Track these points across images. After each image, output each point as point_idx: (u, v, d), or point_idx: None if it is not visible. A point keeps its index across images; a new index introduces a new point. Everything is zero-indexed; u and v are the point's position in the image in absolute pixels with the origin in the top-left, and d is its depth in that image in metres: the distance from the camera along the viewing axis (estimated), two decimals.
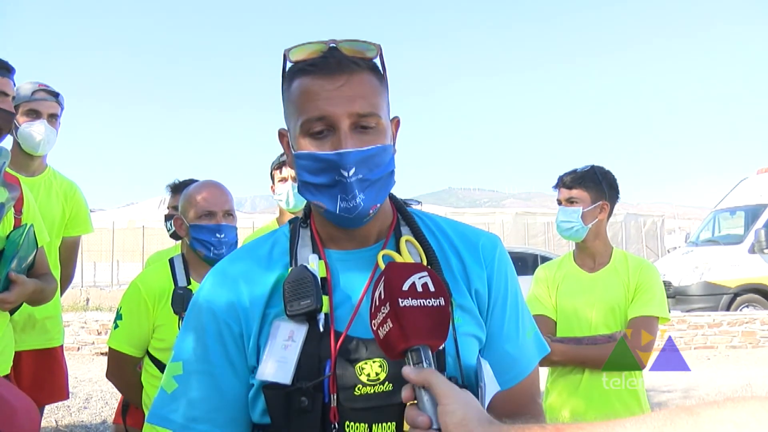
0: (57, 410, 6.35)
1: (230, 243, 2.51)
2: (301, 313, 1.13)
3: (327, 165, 1.11)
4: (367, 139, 1.13)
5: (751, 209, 12.83)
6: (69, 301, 14.63)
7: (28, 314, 2.98)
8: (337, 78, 1.11)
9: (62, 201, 3.34)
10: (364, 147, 1.12)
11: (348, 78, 1.11)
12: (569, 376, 2.69)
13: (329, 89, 1.11)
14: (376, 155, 1.13)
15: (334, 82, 1.11)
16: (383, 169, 1.15)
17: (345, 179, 1.11)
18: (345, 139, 1.10)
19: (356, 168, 1.11)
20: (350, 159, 1.10)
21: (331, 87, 1.11)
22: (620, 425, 0.78)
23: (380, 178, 1.15)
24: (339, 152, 1.10)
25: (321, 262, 1.20)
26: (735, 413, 0.69)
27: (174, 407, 1.20)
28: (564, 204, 2.77)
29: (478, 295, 1.22)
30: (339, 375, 1.10)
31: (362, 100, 1.12)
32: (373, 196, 1.15)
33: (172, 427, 1.20)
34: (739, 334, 10.03)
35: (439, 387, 0.94)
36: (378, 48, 1.17)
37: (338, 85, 1.11)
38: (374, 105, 1.13)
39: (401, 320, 0.96)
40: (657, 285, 2.72)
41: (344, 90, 1.11)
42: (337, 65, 1.11)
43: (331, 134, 1.12)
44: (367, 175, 1.12)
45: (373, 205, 1.15)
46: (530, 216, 26.48)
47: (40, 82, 3.19)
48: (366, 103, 1.12)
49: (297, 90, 1.14)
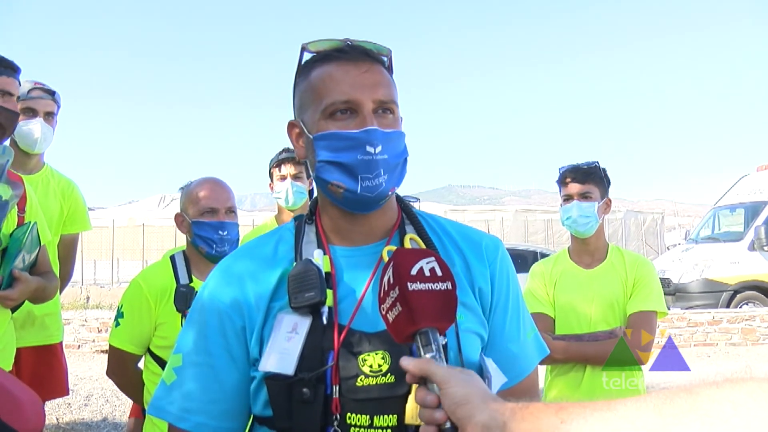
0: (58, 408, 6.36)
1: (232, 240, 2.50)
2: (305, 305, 1.14)
3: (353, 143, 1.14)
4: (387, 123, 1.17)
5: (751, 206, 12.83)
6: (69, 299, 14.64)
7: (27, 311, 2.98)
8: (361, 64, 1.17)
9: (60, 199, 3.34)
10: (387, 129, 1.16)
11: (371, 66, 1.18)
12: (570, 374, 2.69)
13: (354, 74, 1.16)
14: (397, 138, 1.19)
15: (359, 68, 1.17)
16: (402, 154, 1.20)
17: (372, 156, 1.14)
18: (370, 119, 1.15)
19: (382, 146, 1.14)
20: (377, 135, 1.14)
21: (356, 72, 1.17)
22: (621, 403, 0.80)
23: (399, 162, 1.20)
24: (366, 129, 1.14)
25: (325, 258, 1.22)
26: (733, 393, 0.70)
27: (171, 399, 1.21)
28: (577, 199, 2.72)
29: (481, 294, 1.24)
30: (341, 366, 1.11)
31: (384, 89, 1.18)
32: (394, 178, 1.19)
33: (168, 418, 1.21)
34: (739, 331, 10.04)
35: (437, 374, 0.95)
36: (389, 52, 1.23)
37: (362, 71, 1.17)
38: (393, 95, 1.20)
39: (410, 303, 0.98)
40: (654, 280, 2.73)
41: (367, 76, 1.17)
42: (362, 54, 1.18)
43: (353, 116, 1.16)
44: (392, 156, 1.17)
45: (392, 188, 1.19)
46: (530, 213, 26.49)
47: (36, 81, 3.19)
48: (387, 91, 1.19)
49: (319, 76, 1.19)
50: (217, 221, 2.47)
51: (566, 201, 2.77)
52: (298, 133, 1.25)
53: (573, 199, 2.74)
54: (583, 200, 2.72)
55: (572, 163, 2.85)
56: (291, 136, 1.28)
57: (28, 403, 1.55)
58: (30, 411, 1.54)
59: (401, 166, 1.21)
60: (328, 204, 1.25)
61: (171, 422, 1.21)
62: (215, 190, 2.52)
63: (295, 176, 3.33)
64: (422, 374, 0.97)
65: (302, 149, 1.25)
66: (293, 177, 3.32)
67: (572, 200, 2.74)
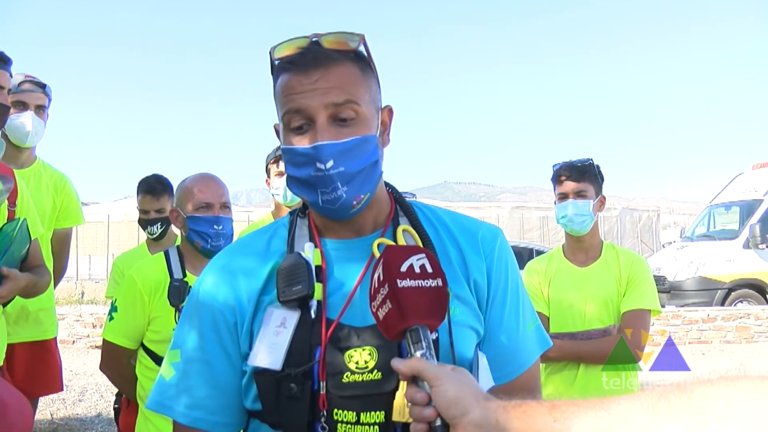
0: (52, 403, 6.35)
1: (227, 235, 2.51)
2: (292, 299, 1.14)
3: (305, 159, 1.13)
4: (345, 132, 1.13)
5: (746, 204, 12.87)
6: (64, 294, 14.61)
7: (21, 306, 2.97)
8: (312, 73, 1.13)
9: (52, 193, 3.32)
10: (342, 139, 1.13)
11: (323, 72, 1.13)
12: (565, 371, 2.69)
13: (305, 83, 1.13)
14: (355, 147, 1.14)
15: (310, 77, 1.13)
16: (365, 160, 1.15)
17: (323, 172, 1.12)
18: (321, 131, 1.12)
19: (334, 160, 1.12)
20: (326, 151, 1.11)
21: (307, 81, 1.13)
22: (615, 402, 0.80)
23: (362, 170, 1.15)
24: (315, 145, 1.12)
25: (316, 251, 1.21)
26: (728, 391, 0.70)
27: (171, 394, 1.22)
28: (572, 197, 2.72)
29: (477, 287, 1.22)
30: (328, 362, 1.10)
31: (338, 90, 1.13)
32: (357, 187, 1.15)
33: (170, 414, 1.22)
34: (734, 329, 10.08)
35: (428, 372, 0.94)
36: (361, 37, 1.18)
37: (314, 80, 1.13)
38: (352, 93, 1.14)
39: (400, 301, 0.98)
40: (648, 278, 2.74)
41: (319, 83, 1.13)
42: (312, 60, 1.14)
43: (310, 128, 1.14)
44: (349, 167, 1.13)
45: (357, 197, 1.16)
46: (526, 210, 26.51)
47: (26, 74, 3.16)
48: (342, 92, 1.13)
49: (279, 87, 1.18)
50: (212, 216, 2.48)
51: (561, 199, 2.76)
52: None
53: (568, 197, 2.73)
54: (579, 198, 2.71)
55: (566, 160, 2.84)
56: (279, 138, 1.28)
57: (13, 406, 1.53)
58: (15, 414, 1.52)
59: (368, 172, 1.16)
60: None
61: (173, 418, 1.21)
62: (210, 186, 2.53)
63: None
64: (413, 374, 0.96)
65: None
66: None
67: (567, 198, 2.73)
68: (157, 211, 3.54)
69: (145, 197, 3.60)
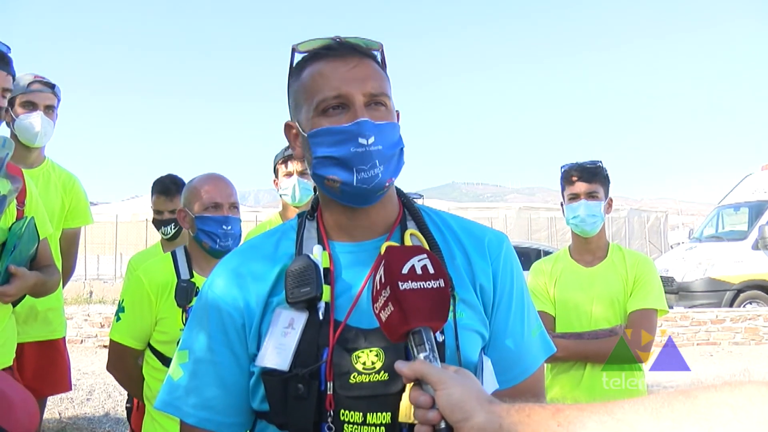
0: (60, 402, 6.38)
1: (236, 235, 2.51)
2: (301, 300, 1.15)
3: (346, 136, 1.15)
4: (379, 115, 1.18)
5: (755, 205, 12.80)
6: (72, 293, 14.68)
7: (30, 306, 2.98)
8: (349, 60, 1.18)
9: (61, 193, 3.33)
10: (379, 121, 1.17)
11: (359, 61, 1.19)
12: (571, 372, 2.69)
13: (343, 70, 1.18)
14: (390, 129, 1.19)
15: (347, 64, 1.18)
16: (396, 145, 1.21)
17: (365, 147, 1.15)
18: (361, 111, 1.16)
19: (375, 137, 1.15)
20: (368, 127, 1.15)
21: (345, 68, 1.18)
22: (618, 406, 0.80)
23: (395, 153, 1.20)
24: (357, 121, 1.15)
25: (324, 254, 1.22)
26: (732, 396, 0.70)
27: (179, 394, 1.23)
28: (584, 198, 2.72)
29: (482, 291, 1.23)
30: (335, 363, 1.11)
31: (374, 82, 1.19)
32: (391, 169, 1.19)
33: (178, 414, 1.23)
34: (742, 330, 10.02)
35: (432, 375, 0.95)
36: (380, 46, 1.24)
37: (351, 66, 1.18)
38: (383, 87, 1.20)
39: (402, 303, 0.98)
40: (655, 278, 2.74)
41: (357, 71, 1.18)
42: (349, 49, 1.20)
43: (345, 111, 1.17)
44: (386, 147, 1.17)
45: (389, 179, 1.19)
46: (533, 211, 26.44)
47: (36, 74, 3.17)
48: (377, 84, 1.19)
49: (310, 75, 1.20)
50: (221, 216, 2.47)
51: (572, 199, 2.76)
52: (295, 133, 1.26)
53: (580, 198, 2.73)
54: (590, 199, 2.72)
55: (575, 161, 2.84)
56: (289, 138, 1.29)
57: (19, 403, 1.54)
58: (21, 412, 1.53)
59: (397, 157, 1.21)
60: (327, 200, 1.26)
61: (181, 418, 1.23)
62: (218, 186, 2.53)
63: (301, 173, 3.32)
64: (417, 377, 0.96)
65: (299, 149, 1.26)
66: (300, 174, 3.31)
67: (579, 199, 2.73)
68: (171, 211, 3.55)
69: (159, 198, 3.61)
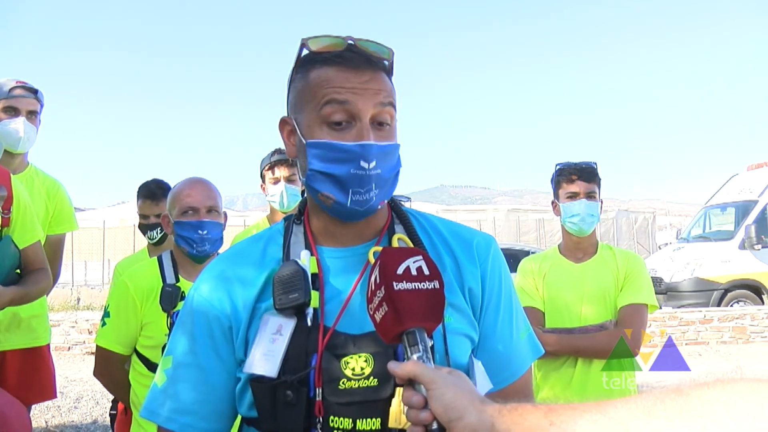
0: (47, 410, 6.32)
1: (213, 239, 2.49)
2: (289, 306, 1.13)
3: (348, 156, 1.12)
4: (383, 135, 1.15)
5: (742, 205, 12.92)
6: (59, 300, 14.57)
7: (13, 313, 2.94)
8: (363, 73, 1.13)
9: (45, 199, 3.29)
10: (383, 142, 1.14)
11: (372, 75, 1.14)
12: (561, 370, 2.69)
13: (355, 82, 1.13)
14: (392, 152, 1.16)
15: (360, 76, 1.13)
16: (395, 167, 1.18)
17: (366, 171, 1.11)
18: (367, 131, 1.12)
19: (377, 162, 1.12)
20: (372, 151, 1.11)
21: (357, 80, 1.13)
22: (611, 405, 0.80)
23: (393, 176, 1.18)
24: (363, 143, 1.11)
25: (312, 259, 1.21)
26: (724, 394, 0.70)
27: (161, 401, 1.21)
28: (583, 197, 2.74)
29: (471, 294, 1.22)
30: (324, 369, 1.10)
31: (385, 93, 1.15)
32: (385, 192, 1.17)
33: (157, 421, 1.21)
34: (730, 329, 10.10)
35: (424, 375, 0.94)
36: (391, 52, 1.19)
37: (364, 80, 1.13)
38: (393, 102, 1.17)
39: (396, 304, 0.98)
40: (644, 274, 2.76)
41: (370, 84, 1.13)
42: (365, 61, 1.14)
43: (350, 127, 1.13)
44: (385, 171, 1.14)
45: (382, 201, 1.17)
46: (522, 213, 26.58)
47: (18, 79, 3.14)
48: (387, 95, 1.15)
49: (319, 78, 1.14)
50: (196, 221, 2.45)
51: (570, 198, 2.76)
52: (290, 131, 1.22)
53: (579, 197, 2.74)
54: (590, 199, 2.74)
55: (569, 161, 2.86)
56: (282, 133, 1.25)
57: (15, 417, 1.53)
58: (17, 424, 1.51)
59: (393, 179, 1.19)
60: (317, 208, 1.24)
61: (159, 424, 1.21)
62: (196, 190, 2.51)
63: (288, 179, 3.31)
64: (410, 377, 0.96)
65: (293, 148, 1.22)
66: (287, 179, 3.30)
67: (577, 198, 2.74)
68: (156, 216, 3.53)
69: (145, 202, 3.59)
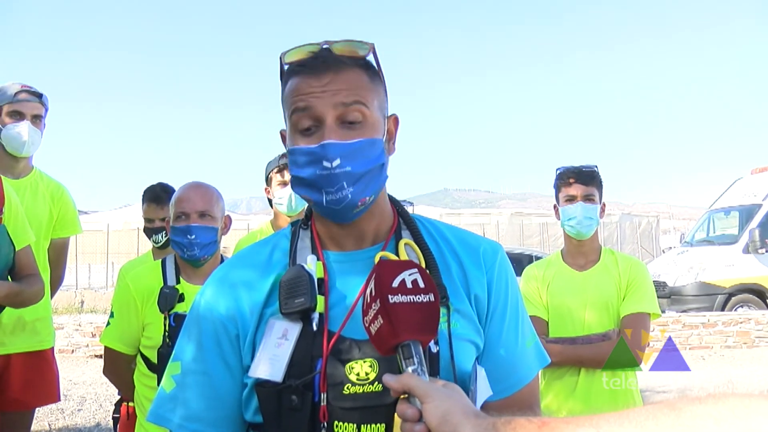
0: (51, 413, 6.32)
1: (203, 244, 2.49)
2: (294, 311, 1.14)
3: (311, 158, 1.13)
4: (353, 134, 1.15)
5: (746, 209, 12.89)
6: (63, 303, 14.59)
7: (17, 316, 2.95)
8: (323, 76, 1.15)
9: (49, 202, 3.31)
10: (349, 140, 1.14)
11: (334, 76, 1.15)
12: (565, 378, 2.68)
13: (315, 86, 1.15)
14: (362, 148, 1.15)
15: (320, 80, 1.15)
16: (371, 162, 1.16)
17: (329, 170, 1.12)
18: (329, 132, 1.13)
19: (341, 159, 1.12)
20: (332, 150, 1.12)
21: (318, 84, 1.15)
22: (604, 419, 0.80)
23: (368, 171, 1.16)
24: (322, 144, 1.12)
25: (318, 263, 1.21)
26: (715, 409, 0.71)
27: (170, 406, 1.22)
28: (581, 200, 2.72)
29: (477, 301, 1.22)
30: (329, 374, 1.10)
31: (346, 92, 1.15)
32: (362, 188, 1.15)
33: (168, 426, 1.22)
34: (734, 334, 10.06)
35: (418, 389, 0.94)
36: (371, 47, 1.20)
37: (324, 83, 1.14)
38: (360, 96, 1.16)
39: (391, 316, 0.98)
40: (647, 282, 2.74)
41: (329, 86, 1.14)
42: (323, 64, 1.16)
43: (318, 130, 1.15)
44: (355, 167, 1.14)
45: (362, 198, 1.16)
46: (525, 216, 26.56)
47: (23, 83, 3.15)
48: (350, 93, 1.15)
49: (288, 90, 1.18)
50: (184, 225, 2.48)
51: (568, 201, 2.75)
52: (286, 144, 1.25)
53: (576, 200, 2.73)
54: (587, 202, 2.72)
55: (569, 165, 2.85)
56: (285, 145, 1.28)
57: None
58: None
59: (374, 174, 1.17)
60: (314, 211, 1.25)
61: (171, 430, 1.21)
62: (188, 194, 2.53)
63: None
64: (404, 390, 0.96)
65: None
66: None
67: (575, 201, 2.73)
68: (161, 219, 3.54)
69: (150, 206, 3.60)
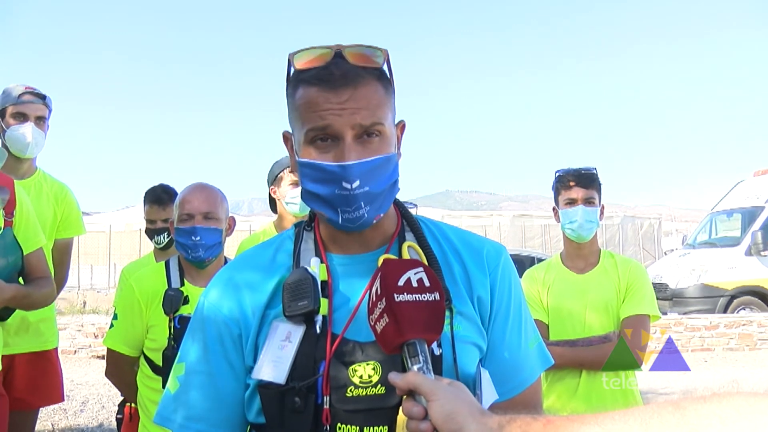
0: (53, 413, 6.33)
1: (208, 246, 2.49)
2: (298, 313, 1.14)
3: (330, 176, 1.11)
4: (371, 149, 1.13)
5: (748, 211, 12.87)
6: (66, 304, 14.60)
7: (21, 317, 2.96)
8: (342, 92, 1.11)
9: (53, 203, 3.32)
10: (368, 158, 1.12)
11: (353, 92, 1.11)
12: (567, 379, 2.68)
13: (334, 102, 1.11)
14: (380, 165, 1.13)
15: (339, 96, 1.11)
16: (387, 179, 1.16)
17: (348, 191, 1.11)
18: (348, 151, 1.10)
19: (360, 180, 1.11)
20: (354, 171, 1.10)
21: (336, 100, 1.11)
22: (609, 418, 0.80)
23: (384, 189, 1.15)
24: (342, 164, 1.10)
25: (322, 266, 1.21)
26: (720, 408, 0.71)
27: (174, 407, 1.22)
28: (582, 203, 2.72)
29: (480, 302, 1.22)
30: (332, 376, 1.11)
31: (366, 111, 1.12)
32: (378, 206, 1.15)
33: (171, 427, 1.22)
34: (736, 336, 10.05)
35: (424, 387, 0.95)
36: (385, 54, 1.16)
37: (343, 99, 1.10)
38: (378, 116, 1.13)
39: (397, 315, 0.98)
40: (647, 284, 2.75)
41: (349, 103, 1.10)
42: (342, 78, 1.11)
43: (335, 145, 1.12)
44: (373, 187, 1.13)
45: (377, 215, 1.16)
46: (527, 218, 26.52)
47: (27, 85, 3.17)
48: (370, 113, 1.12)
49: (301, 99, 1.14)
50: (189, 227, 2.47)
51: (569, 204, 2.75)
52: (291, 147, 1.24)
53: (577, 203, 2.73)
54: (588, 205, 2.72)
55: (568, 167, 2.85)
56: (287, 148, 1.27)
57: None
58: None
59: (388, 192, 1.17)
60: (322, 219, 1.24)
61: (173, 431, 1.22)
62: (193, 196, 2.53)
63: None
64: (410, 388, 0.96)
65: (294, 164, 1.23)
66: None
67: (576, 204, 2.73)
68: (163, 220, 3.54)
69: (152, 207, 3.61)
